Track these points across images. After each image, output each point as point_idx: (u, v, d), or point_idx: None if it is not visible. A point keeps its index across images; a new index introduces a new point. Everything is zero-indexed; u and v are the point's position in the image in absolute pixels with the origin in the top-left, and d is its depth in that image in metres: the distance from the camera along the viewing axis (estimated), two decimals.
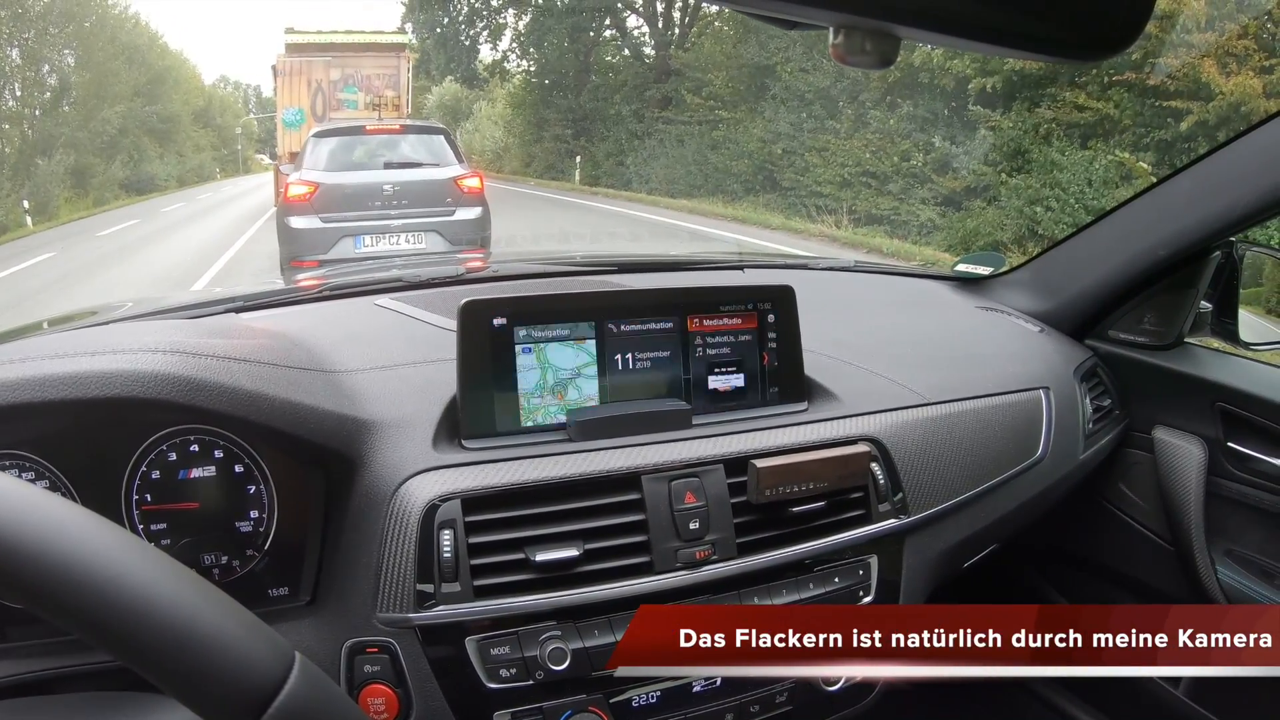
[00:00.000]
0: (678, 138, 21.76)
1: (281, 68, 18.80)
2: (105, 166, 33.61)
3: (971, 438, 1.44)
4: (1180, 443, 1.76)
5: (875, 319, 1.82)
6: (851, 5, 0.52)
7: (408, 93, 19.88)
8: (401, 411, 1.12)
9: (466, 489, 1.04)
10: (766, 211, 16.94)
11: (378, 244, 8.41)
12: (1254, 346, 1.77)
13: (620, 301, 1.21)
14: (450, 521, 1.02)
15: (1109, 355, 1.88)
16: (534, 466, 1.09)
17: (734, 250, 2.36)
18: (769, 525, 1.16)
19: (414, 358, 1.26)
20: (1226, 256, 1.76)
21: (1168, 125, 11.49)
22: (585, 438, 1.13)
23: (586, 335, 1.17)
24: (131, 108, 37.41)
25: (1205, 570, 1.70)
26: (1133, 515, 1.87)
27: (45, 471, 1.04)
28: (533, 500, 1.07)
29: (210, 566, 1.08)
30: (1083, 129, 12.57)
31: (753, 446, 1.18)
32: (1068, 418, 1.65)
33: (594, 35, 28.25)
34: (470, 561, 1.02)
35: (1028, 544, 2.07)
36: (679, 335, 1.22)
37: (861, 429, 1.29)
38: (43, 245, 17.67)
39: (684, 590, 1.09)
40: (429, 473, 1.06)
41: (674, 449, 1.14)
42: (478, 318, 1.11)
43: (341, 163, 9.02)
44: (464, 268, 1.87)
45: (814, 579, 1.18)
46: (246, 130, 69.76)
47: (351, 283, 1.63)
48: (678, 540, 1.09)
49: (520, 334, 1.13)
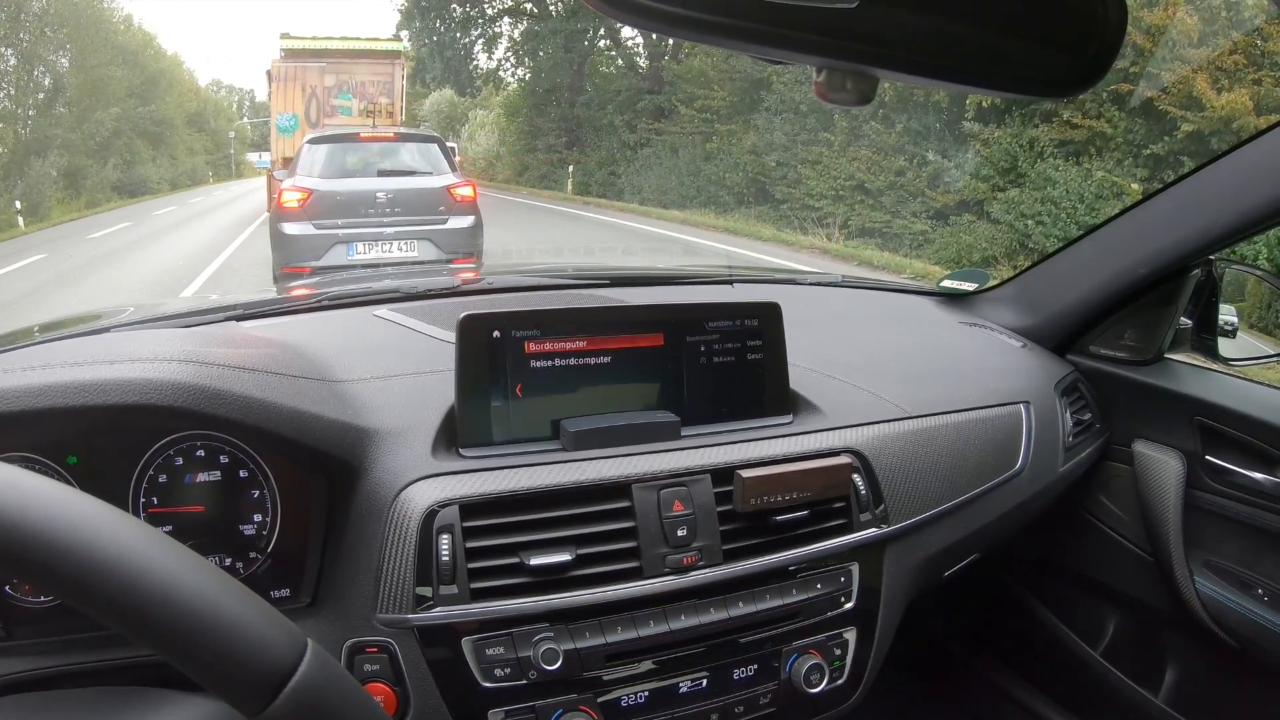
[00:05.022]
0: (671, 148, 21.83)
1: (276, 73, 18.72)
2: (98, 168, 33.76)
3: (951, 450, 1.47)
4: (1159, 456, 1.79)
5: (860, 334, 1.85)
6: (832, 49, 0.56)
7: (402, 100, 19.82)
8: (401, 421, 1.15)
9: (464, 495, 1.07)
10: (758, 223, 16.99)
11: (370, 251, 8.45)
12: (1233, 362, 1.81)
13: (612, 317, 1.24)
14: (449, 526, 1.04)
15: (1090, 370, 1.91)
16: (529, 475, 1.11)
17: (724, 265, 2.39)
18: (754, 533, 1.19)
19: (412, 368, 1.29)
20: (1207, 275, 1.79)
21: (1161, 141, 11.58)
22: (578, 447, 1.16)
23: (583, 348, 1.20)
24: (125, 110, 37.56)
25: (1184, 581, 1.72)
26: (1113, 527, 1.90)
27: (55, 474, 1.06)
28: (528, 507, 1.09)
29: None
30: (1075, 145, 12.63)
31: (739, 458, 1.21)
32: (1047, 432, 1.67)
33: (588, 45, 28.35)
34: (468, 565, 1.04)
35: (1011, 555, 2.09)
36: (669, 350, 1.25)
37: (844, 441, 1.32)
38: (35, 246, 17.71)
39: (671, 594, 1.11)
40: (428, 480, 1.08)
41: (663, 459, 1.17)
42: (475, 331, 1.13)
43: (335, 169, 9.05)
44: (459, 280, 1.90)
45: (797, 585, 1.21)
46: (240, 134, 69.68)
47: (349, 293, 1.66)
48: (666, 547, 1.12)
49: (519, 347, 1.16)
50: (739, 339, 1.30)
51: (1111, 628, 2.00)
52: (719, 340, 1.28)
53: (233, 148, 65.47)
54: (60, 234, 21.23)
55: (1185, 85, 11.03)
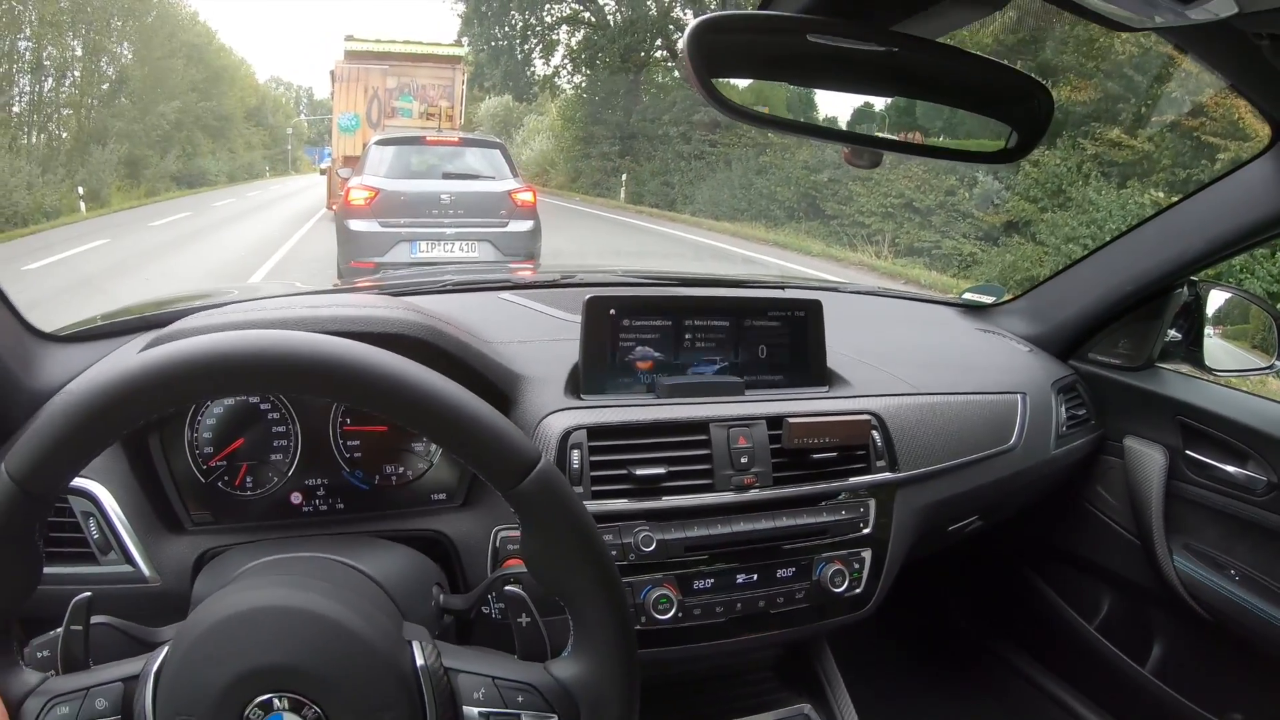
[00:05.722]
0: (725, 161, 21.50)
1: (340, 73, 18.89)
2: (159, 159, 33.25)
3: (952, 422, 1.75)
4: (1146, 450, 1.98)
5: (888, 332, 2.09)
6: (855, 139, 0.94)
7: (461, 103, 19.83)
8: (540, 371, 1.50)
9: (590, 423, 1.41)
10: (808, 238, 16.86)
11: (432, 250, 8.60)
12: (1216, 372, 1.96)
13: (695, 304, 1.58)
14: (579, 444, 1.38)
15: (1088, 374, 2.11)
16: (634, 412, 1.45)
17: (777, 275, 2.68)
18: (796, 466, 1.51)
19: (538, 337, 1.65)
20: (1194, 295, 1.96)
21: (1203, 165, 11.42)
22: (668, 397, 1.51)
23: (670, 325, 1.55)
24: (187, 103, 36.94)
25: (1164, 561, 1.91)
26: (1108, 514, 2.09)
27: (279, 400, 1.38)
28: (634, 434, 1.43)
29: (390, 474, 1.41)
30: (1121, 167, 12.52)
31: (787, 410, 1.53)
32: (1041, 419, 1.91)
33: (645, 56, 27.76)
34: (590, 473, 1.38)
35: (1020, 540, 2.31)
36: (736, 331, 1.60)
37: (866, 406, 1.62)
38: (96, 231, 17.64)
39: (734, 506, 1.45)
40: (563, 412, 1.42)
41: (731, 408, 1.51)
42: (598, 309, 1.50)
43: (401, 170, 9.18)
44: (560, 276, 2.21)
45: (826, 509, 1.52)
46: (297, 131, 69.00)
47: (478, 280, 2.00)
48: (732, 470, 1.46)
49: (625, 323, 1.52)
50: (789, 325, 1.64)
51: (1106, 605, 2.19)
52: (774, 326, 1.63)
53: (290, 144, 64.67)
54: (121, 220, 21.10)
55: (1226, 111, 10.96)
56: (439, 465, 1.44)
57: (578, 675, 0.89)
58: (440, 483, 1.44)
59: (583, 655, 0.90)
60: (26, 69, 29.71)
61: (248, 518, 1.36)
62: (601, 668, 0.89)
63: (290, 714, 0.82)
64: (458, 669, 0.89)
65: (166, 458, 1.34)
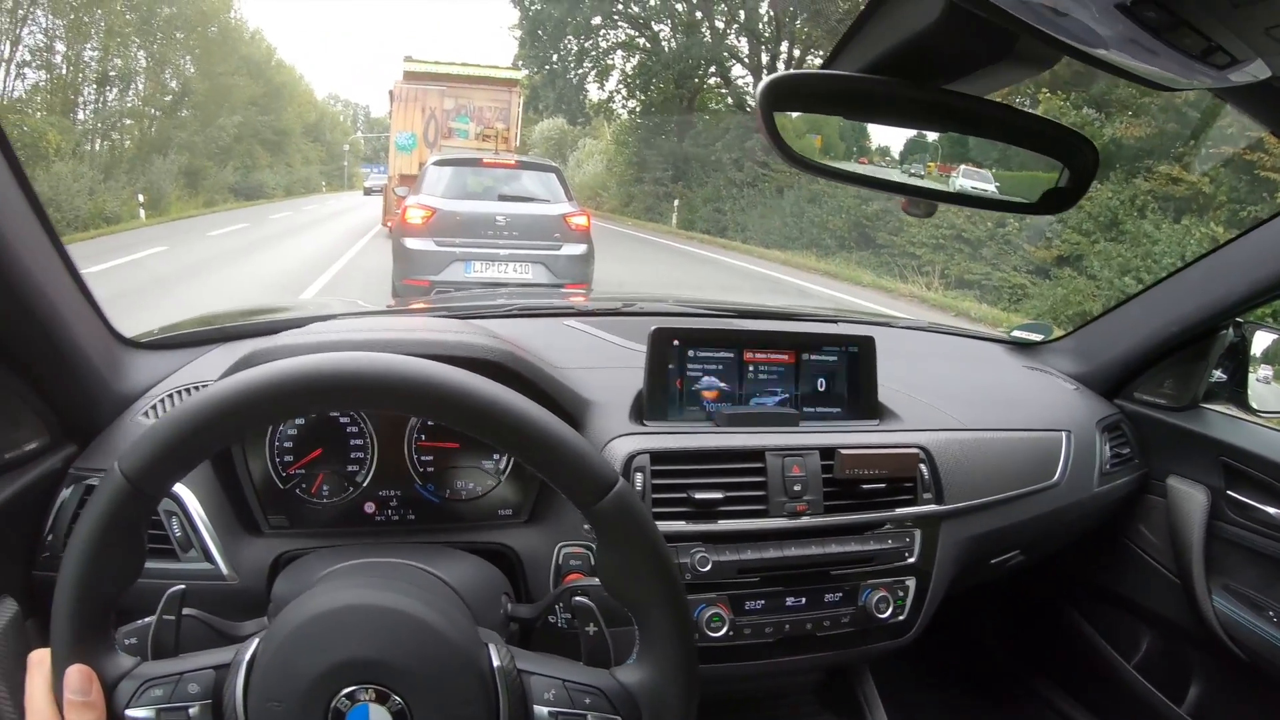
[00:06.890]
0: (776, 189, 21.49)
1: (398, 93, 19.15)
2: (217, 170, 33.88)
3: (998, 458, 1.77)
4: (1188, 490, 1.98)
5: (938, 368, 2.13)
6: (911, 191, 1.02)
7: (517, 126, 19.96)
8: (605, 397, 1.57)
9: (653, 448, 1.48)
10: (858, 268, 16.82)
11: (487, 270, 8.56)
12: (1260, 413, 1.94)
13: (754, 337, 1.65)
14: (641, 468, 1.45)
15: (1133, 413, 2.11)
16: (694, 439, 1.51)
17: (831, 307, 2.73)
18: (846, 495, 1.56)
19: (603, 363, 1.73)
20: (1240, 336, 1.96)
21: (1263, 200, 11.30)
22: (727, 425, 1.58)
23: (732, 358, 1.62)
24: (247, 117, 37.67)
25: (1203, 601, 1.90)
26: (1149, 553, 2.08)
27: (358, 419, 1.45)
28: (694, 460, 1.49)
29: (460, 489, 1.47)
30: (1177, 202, 12.37)
31: (839, 442, 1.57)
32: (1085, 457, 1.93)
33: (699, 82, 27.90)
34: (652, 495, 1.45)
35: (1062, 578, 2.31)
36: (793, 364, 1.66)
37: (915, 440, 1.66)
38: (154, 239, 17.87)
39: (786, 531, 1.50)
40: (628, 436, 1.50)
41: (786, 437, 1.56)
42: (662, 339, 1.57)
43: (458, 191, 9.17)
44: (621, 304, 2.27)
45: (874, 537, 1.57)
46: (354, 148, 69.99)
47: (543, 305, 2.08)
48: (785, 497, 1.51)
49: (689, 353, 1.60)
50: (844, 360, 1.70)
51: (1144, 644, 2.20)
52: (829, 360, 1.69)
53: (346, 160, 65.62)
54: (180, 228, 21.38)
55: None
56: (506, 482, 1.50)
57: (642, 682, 0.94)
58: (506, 499, 1.50)
59: (648, 663, 0.94)
60: (93, 78, 30.38)
61: (321, 524, 1.44)
62: (665, 676, 0.93)
63: (376, 705, 0.87)
64: (530, 671, 0.94)
65: (248, 463, 1.42)
